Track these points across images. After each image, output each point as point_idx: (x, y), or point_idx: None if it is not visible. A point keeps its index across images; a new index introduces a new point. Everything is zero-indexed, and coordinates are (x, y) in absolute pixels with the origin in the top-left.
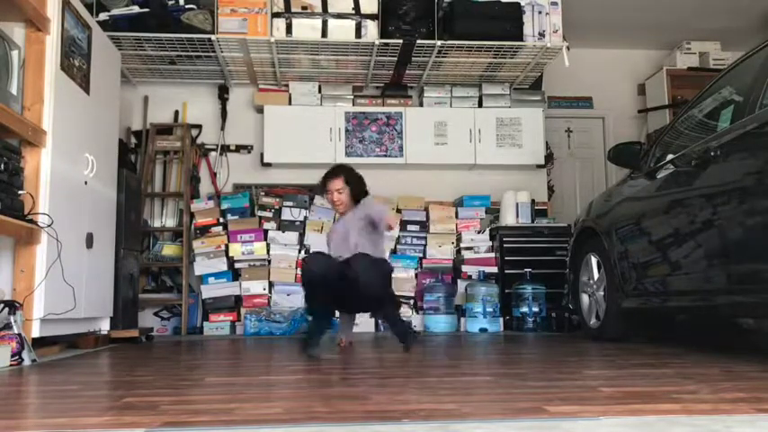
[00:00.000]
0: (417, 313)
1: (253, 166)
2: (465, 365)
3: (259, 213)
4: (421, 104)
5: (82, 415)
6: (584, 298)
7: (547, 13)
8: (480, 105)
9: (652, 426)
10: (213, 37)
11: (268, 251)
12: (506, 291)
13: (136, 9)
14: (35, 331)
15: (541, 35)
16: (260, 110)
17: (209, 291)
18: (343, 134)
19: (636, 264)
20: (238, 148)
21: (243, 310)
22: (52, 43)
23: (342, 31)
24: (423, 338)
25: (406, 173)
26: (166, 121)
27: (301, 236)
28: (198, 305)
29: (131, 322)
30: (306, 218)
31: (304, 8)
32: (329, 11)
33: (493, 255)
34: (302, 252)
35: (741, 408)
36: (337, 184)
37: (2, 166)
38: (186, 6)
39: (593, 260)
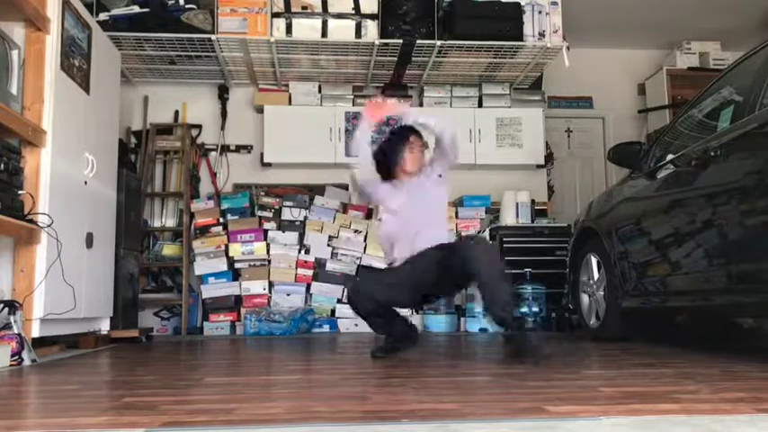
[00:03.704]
0: (417, 313)
1: (253, 166)
2: (465, 365)
3: (259, 213)
4: (421, 104)
5: (82, 415)
6: (584, 298)
7: (547, 13)
8: (480, 105)
9: (652, 426)
10: (213, 37)
11: (268, 251)
12: None
13: (136, 9)
14: (35, 331)
15: (541, 35)
16: (260, 110)
17: (209, 291)
18: (343, 134)
19: (636, 264)
20: (238, 148)
21: (243, 310)
22: (52, 43)
23: (342, 31)
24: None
25: None
26: (166, 121)
27: (301, 236)
28: (198, 305)
29: (131, 322)
30: (306, 218)
31: (304, 8)
32: (329, 11)
33: None
34: (302, 252)
35: (741, 408)
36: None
37: (2, 166)
38: (186, 6)
39: (593, 260)
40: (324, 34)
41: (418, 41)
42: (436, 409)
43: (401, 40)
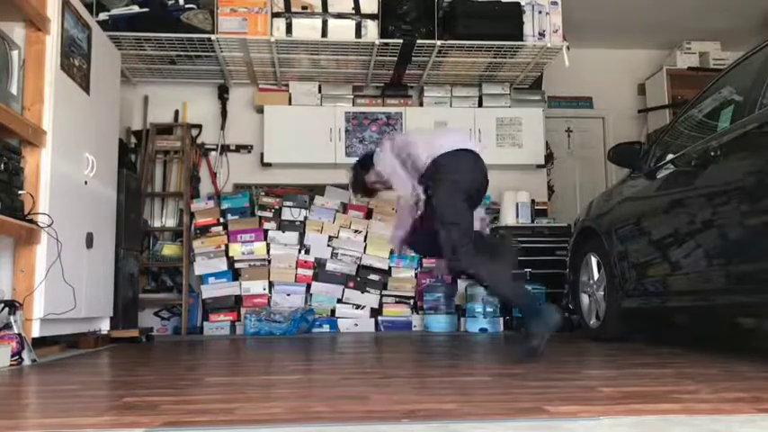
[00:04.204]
0: (417, 313)
1: (253, 166)
2: (465, 365)
3: (259, 213)
4: (421, 104)
5: (82, 415)
6: (584, 298)
7: (547, 13)
8: (480, 105)
9: (652, 426)
10: (213, 37)
11: (268, 251)
12: None
13: (136, 9)
14: (35, 331)
15: (541, 35)
16: (260, 110)
17: (209, 291)
18: (343, 134)
19: (636, 264)
20: (238, 148)
21: (243, 310)
22: (52, 43)
23: (342, 30)
24: (424, 336)
25: None
26: (166, 121)
27: (301, 236)
28: (198, 305)
29: (131, 322)
30: (306, 218)
31: (304, 8)
32: (329, 11)
33: None
34: (302, 252)
35: (741, 408)
36: (372, 177)
37: (2, 166)
38: (186, 6)
39: (593, 260)
40: (324, 34)
41: (418, 41)
42: (436, 409)
43: (401, 40)
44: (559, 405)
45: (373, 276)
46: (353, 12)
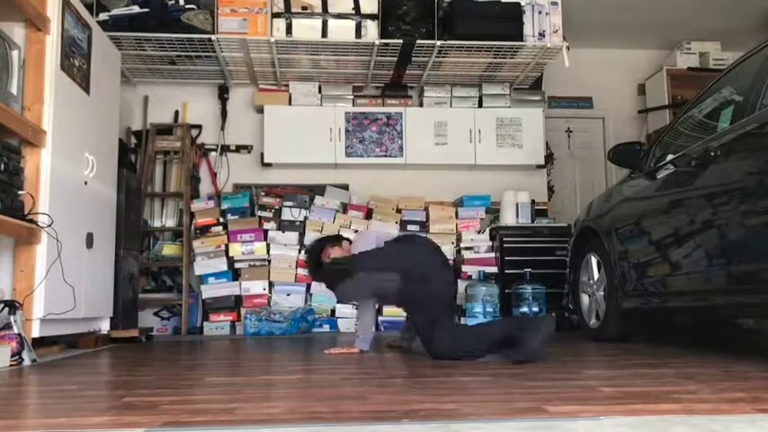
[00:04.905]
0: None
1: (253, 166)
2: (465, 365)
3: (259, 213)
4: (421, 104)
5: (82, 415)
6: (584, 298)
7: (547, 13)
8: (480, 105)
9: (652, 426)
10: (213, 37)
11: (268, 251)
12: (506, 291)
13: (136, 9)
14: (35, 331)
15: (541, 35)
16: (260, 110)
17: (209, 291)
18: (343, 134)
19: (636, 264)
20: (238, 148)
21: (243, 310)
22: (52, 43)
23: (342, 31)
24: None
25: (406, 173)
26: (166, 121)
27: (301, 236)
28: (198, 305)
29: (131, 322)
30: (306, 218)
31: (304, 8)
32: (329, 11)
33: (493, 255)
34: (302, 252)
35: (741, 408)
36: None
37: (2, 166)
38: (186, 6)
39: (593, 260)
40: (324, 34)
41: (418, 41)
42: (436, 409)
43: (401, 40)
44: (559, 405)
45: None
46: (353, 12)
